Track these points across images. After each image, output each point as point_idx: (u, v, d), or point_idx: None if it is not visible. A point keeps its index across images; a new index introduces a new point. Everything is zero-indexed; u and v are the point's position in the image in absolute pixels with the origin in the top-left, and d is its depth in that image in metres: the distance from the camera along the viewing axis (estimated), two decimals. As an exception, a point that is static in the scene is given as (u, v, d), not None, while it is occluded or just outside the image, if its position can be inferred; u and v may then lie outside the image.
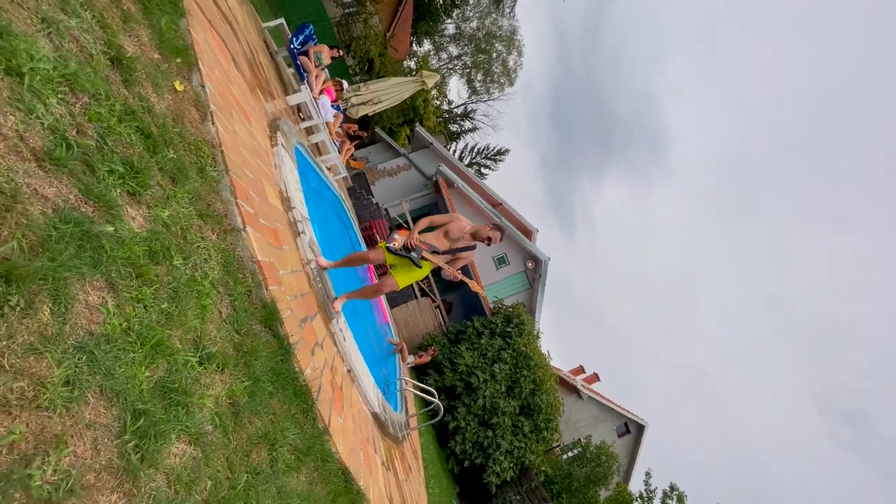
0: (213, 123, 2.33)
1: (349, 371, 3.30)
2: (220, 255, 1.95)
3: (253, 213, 2.43)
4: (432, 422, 5.59)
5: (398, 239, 3.16)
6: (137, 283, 1.32)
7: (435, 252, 3.16)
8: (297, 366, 2.24)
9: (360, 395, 3.38)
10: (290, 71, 7.57)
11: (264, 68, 5.49)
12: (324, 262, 3.37)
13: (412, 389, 5.85)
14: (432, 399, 5.61)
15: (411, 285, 13.21)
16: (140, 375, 1.20)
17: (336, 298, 3.33)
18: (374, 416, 3.64)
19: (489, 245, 3.21)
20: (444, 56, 28.42)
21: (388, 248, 3.16)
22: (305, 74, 6.67)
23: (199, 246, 1.79)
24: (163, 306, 1.40)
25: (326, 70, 7.49)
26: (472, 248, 3.27)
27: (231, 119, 2.69)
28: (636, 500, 12.35)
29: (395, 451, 4.15)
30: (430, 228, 3.31)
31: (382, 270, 3.43)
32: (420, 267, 3.12)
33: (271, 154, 3.52)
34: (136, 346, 1.22)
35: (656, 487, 12.94)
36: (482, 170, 28.77)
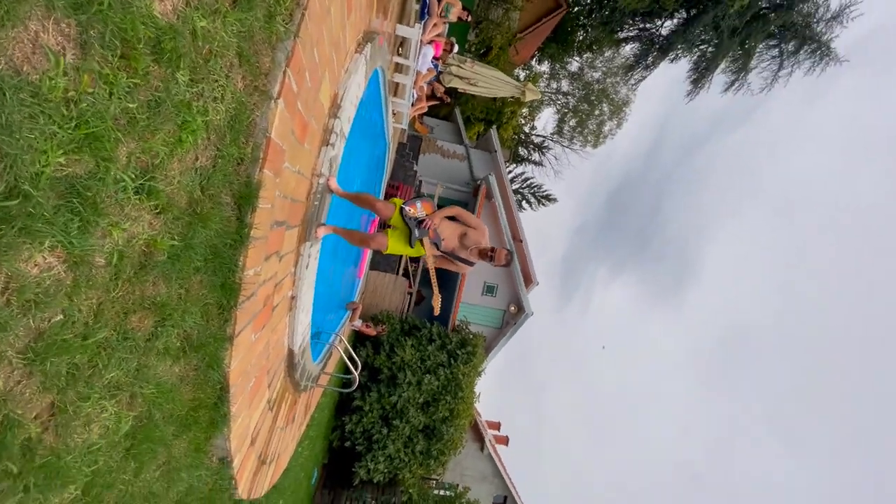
0: (311, -17, 2.10)
1: (292, 298, 3.05)
2: (235, 105, 1.71)
3: (295, 92, 2.19)
4: (340, 390, 5.35)
5: (418, 207, 2.92)
6: (117, 63, 1.08)
7: (435, 245, 2.91)
8: (242, 260, 2.00)
9: (287, 327, 3.14)
10: (416, 6, 7.34)
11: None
12: (334, 185, 3.13)
13: (341, 350, 5.60)
14: (353, 371, 5.37)
15: (398, 259, 12.97)
16: (51, 156, 0.95)
17: (323, 225, 3.09)
18: (290, 353, 3.40)
19: (492, 264, 2.95)
20: (554, 85, 28.19)
21: (401, 208, 2.91)
22: (427, 16, 6.44)
23: (217, 80, 1.54)
24: (131, 106, 1.15)
25: (447, 25, 7.27)
26: (471, 264, 3.02)
27: (332, -5, 2.45)
28: None
29: (289, 397, 3.91)
30: (452, 219, 3.06)
31: (385, 226, 3.18)
32: (412, 246, 2.88)
33: (350, 57, 3.28)
34: (67, 123, 0.97)
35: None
36: (523, 202, 28.49)
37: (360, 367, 6.45)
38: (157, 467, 1.79)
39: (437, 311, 3.10)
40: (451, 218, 3.05)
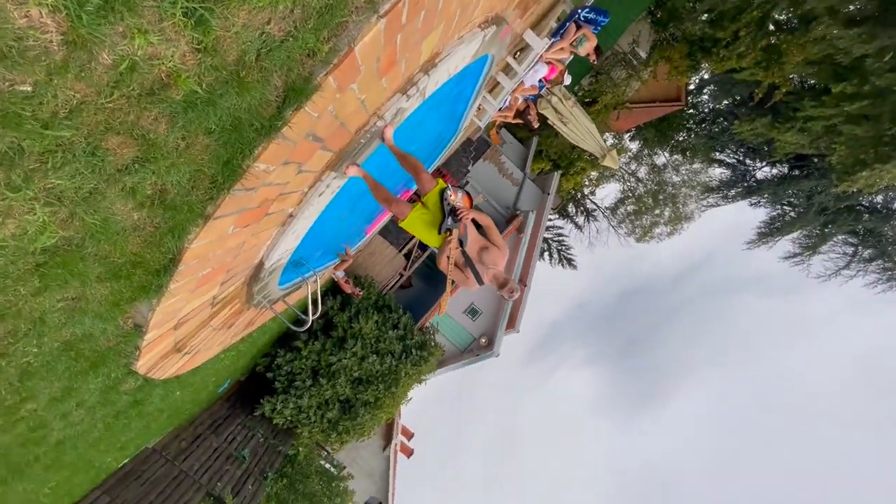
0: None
1: (290, 216, 2.89)
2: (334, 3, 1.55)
3: (403, 23, 2.02)
4: (290, 325, 5.18)
5: (458, 197, 2.73)
6: None
7: (461, 242, 2.71)
8: (259, 150, 1.84)
9: (270, 239, 2.98)
10: (554, 24, 7.19)
11: (546, -8, 5.12)
12: (389, 134, 2.97)
13: (309, 289, 5.45)
14: (310, 314, 5.20)
15: (408, 240, 12.82)
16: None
17: (357, 165, 2.93)
18: (260, 265, 3.24)
19: (499, 291, 2.75)
20: (633, 167, 27.89)
21: (443, 190, 2.74)
22: (559, 37, 6.29)
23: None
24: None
25: (572, 56, 7.10)
26: (481, 282, 2.82)
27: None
28: None
29: (237, 305, 3.75)
30: (479, 228, 2.87)
31: (413, 200, 3.00)
32: (440, 232, 2.70)
33: (471, 28, 3.12)
34: None
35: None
36: (546, 253, 28.20)
37: (318, 314, 6.28)
38: (61, 299, 1.63)
39: (442, 311, 2.92)
40: (478, 227, 2.87)
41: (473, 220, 2.84)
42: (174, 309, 2.44)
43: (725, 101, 19.99)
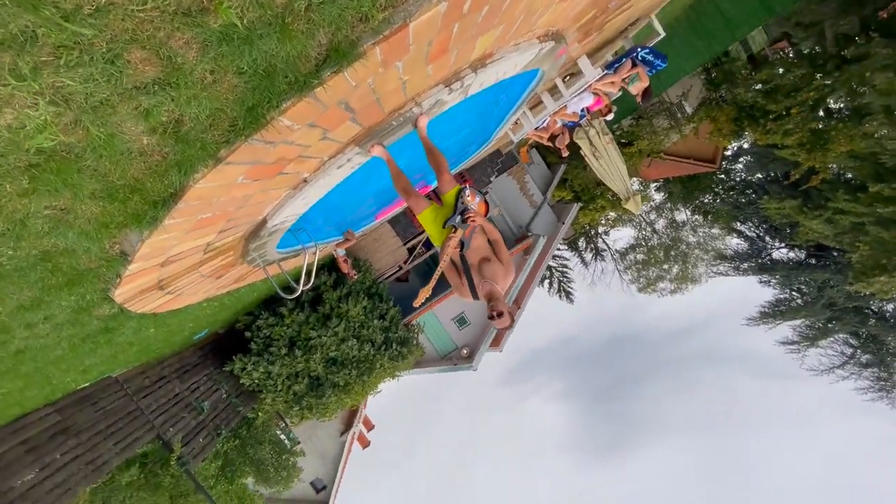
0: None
1: (304, 181, 2.82)
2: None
3: (463, 12, 1.95)
4: (279, 290, 5.11)
5: (476, 201, 2.63)
6: None
7: (462, 244, 2.61)
8: (288, 104, 1.76)
9: (279, 200, 2.91)
10: (609, 57, 7.13)
11: (608, 25, 5.05)
12: (423, 125, 2.89)
13: (306, 260, 5.37)
14: (301, 284, 5.13)
15: (415, 234, 12.75)
16: None
17: (382, 146, 2.85)
18: (262, 223, 3.17)
19: (491, 319, 2.56)
20: (651, 216, 27.74)
21: (462, 189, 2.65)
22: (612, 71, 6.21)
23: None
24: None
25: (620, 92, 7.01)
26: (475, 295, 2.65)
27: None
28: None
29: (230, 258, 3.68)
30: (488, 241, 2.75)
31: (429, 198, 2.93)
32: (443, 226, 2.61)
33: (530, 38, 3.05)
34: None
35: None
36: (546, 280, 28.05)
37: (309, 285, 6.21)
38: (49, 207, 1.56)
39: (417, 303, 2.78)
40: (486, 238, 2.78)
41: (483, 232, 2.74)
42: (165, 245, 2.36)
43: (759, 175, 19.83)
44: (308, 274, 6.37)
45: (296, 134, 2.06)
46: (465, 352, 14.10)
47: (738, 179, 21.78)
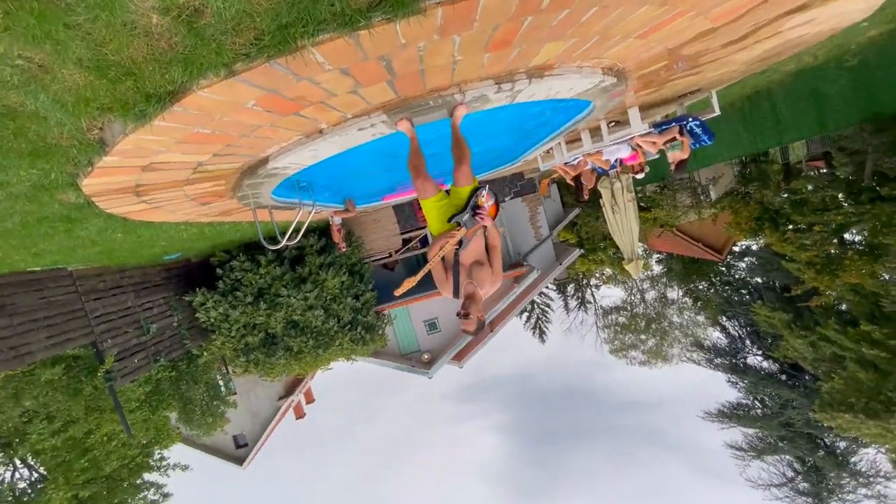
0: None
1: (320, 131, 2.63)
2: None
3: (539, 8, 1.78)
4: (263, 238, 4.89)
5: (487, 203, 2.51)
6: None
7: (459, 244, 2.49)
8: (326, 38, 1.57)
9: (288, 143, 2.71)
10: (661, 117, 7.05)
11: (669, 84, 4.93)
12: (460, 115, 2.71)
13: (298, 216, 5.17)
14: (286, 238, 4.93)
15: (415, 227, 12.57)
16: None
17: (410, 122, 2.67)
18: (263, 162, 2.96)
19: (462, 319, 2.47)
20: (644, 285, 27.77)
21: (477, 189, 2.52)
22: (657, 132, 6.11)
23: None
24: None
25: (657, 155, 6.91)
26: (456, 293, 2.54)
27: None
28: None
29: (220, 187, 3.47)
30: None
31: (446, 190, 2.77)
32: (449, 221, 2.49)
33: (594, 65, 2.89)
34: None
35: None
36: (525, 313, 27.94)
37: (294, 242, 5.99)
38: (23, 56, 1.35)
39: (398, 292, 2.67)
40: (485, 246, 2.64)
41: (484, 235, 2.61)
42: (149, 148, 2.15)
43: (759, 279, 19.93)
44: (297, 231, 6.15)
45: (325, 75, 1.87)
46: (426, 357, 13.88)
47: (737, 277, 21.86)
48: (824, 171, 13.71)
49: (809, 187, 10.92)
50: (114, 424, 8.05)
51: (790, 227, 9.92)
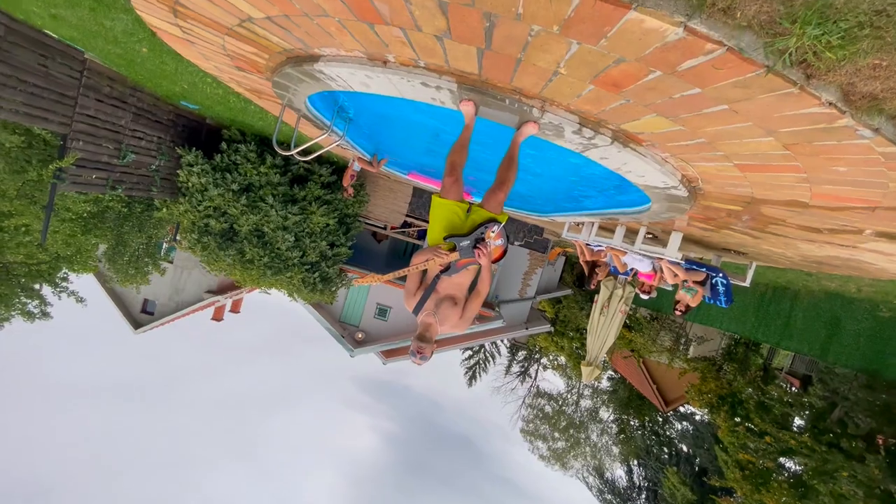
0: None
1: (384, 61, 2.34)
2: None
3: (674, 61, 1.51)
4: (275, 138, 4.57)
5: (495, 240, 2.29)
6: None
7: (447, 267, 2.27)
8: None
9: (347, 52, 2.42)
10: (696, 256, 6.86)
11: (724, 232, 4.73)
12: (527, 133, 2.44)
13: (320, 140, 4.87)
14: (303, 154, 4.62)
15: (424, 216, 12.27)
16: None
17: (474, 106, 2.40)
18: (312, 58, 2.66)
19: (415, 344, 2.30)
20: (585, 392, 27.58)
21: (494, 220, 2.34)
22: (687, 265, 5.90)
23: None
24: None
25: (674, 287, 6.71)
26: (416, 311, 2.34)
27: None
28: None
29: (260, 59, 3.16)
30: (472, 286, 2.44)
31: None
32: (446, 238, 2.30)
33: (678, 166, 2.65)
34: None
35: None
36: (467, 350, 27.64)
37: (306, 160, 5.68)
38: None
39: (357, 283, 2.58)
40: (472, 288, 2.43)
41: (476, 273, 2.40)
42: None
43: (685, 447, 19.82)
44: (311, 151, 5.84)
45: (416, 3, 1.59)
46: (359, 336, 13.50)
47: (668, 434, 21.74)
48: (795, 389, 13.68)
49: (774, 395, 10.83)
50: (36, 221, 7.58)
51: (745, 423, 9.77)
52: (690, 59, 1.42)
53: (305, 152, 6.09)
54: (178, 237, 11.41)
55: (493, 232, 2.28)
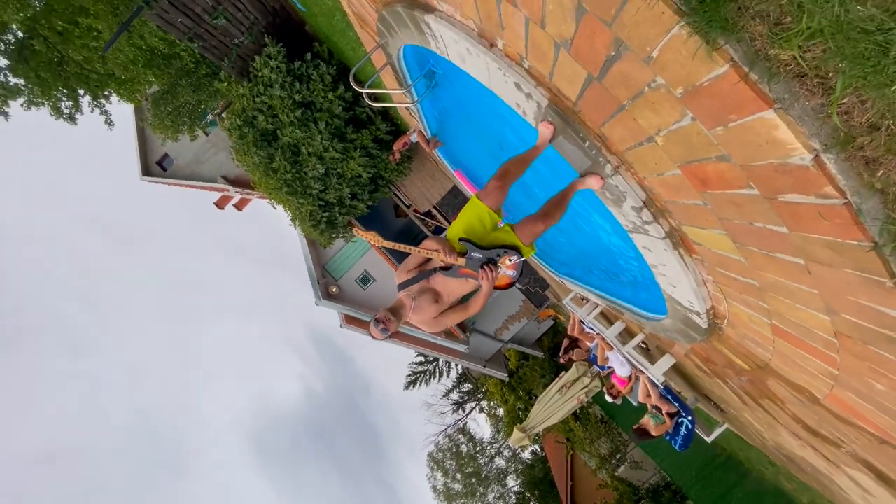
0: None
1: (493, 44, 2.20)
2: None
3: (770, 189, 1.34)
4: (353, 71, 4.45)
5: (507, 269, 2.18)
6: None
7: (447, 267, 2.18)
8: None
9: (466, 23, 2.28)
10: (675, 385, 6.62)
11: (717, 380, 4.51)
12: (590, 184, 2.28)
13: (393, 94, 4.76)
14: (375, 100, 4.53)
15: (446, 213, 12.15)
16: None
17: (552, 130, 2.26)
18: (429, 7, 2.53)
19: (382, 315, 2.15)
20: (504, 451, 27.11)
21: (516, 248, 2.19)
22: (664, 391, 5.67)
23: None
24: None
25: (636, 401, 6.47)
26: (401, 289, 2.24)
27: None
28: None
29: (370, 9, 3.04)
30: (465, 298, 2.32)
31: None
32: (461, 241, 2.17)
33: (712, 295, 2.46)
34: None
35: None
36: (422, 357, 27.38)
37: (373, 105, 5.57)
38: None
39: (356, 232, 2.44)
40: (465, 298, 2.29)
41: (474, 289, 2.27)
42: None
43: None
44: (380, 100, 5.73)
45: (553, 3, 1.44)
46: (333, 290, 13.39)
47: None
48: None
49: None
50: (108, 32, 7.58)
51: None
52: (800, 193, 1.25)
53: (375, 99, 6.00)
54: (223, 115, 11.41)
55: (509, 260, 2.12)
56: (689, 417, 5.64)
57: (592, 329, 6.85)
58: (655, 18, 1.18)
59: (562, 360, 7.64)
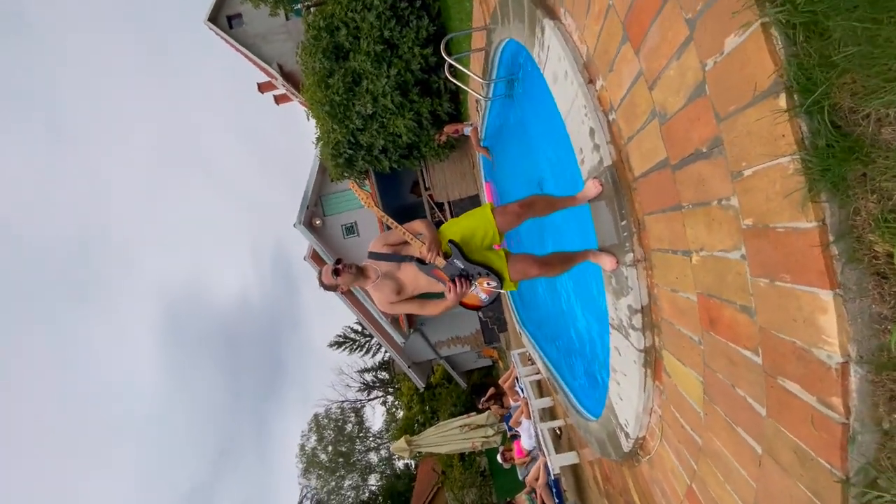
0: None
1: (591, 82, 2.06)
2: None
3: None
4: (445, 45, 4.31)
5: (481, 291, 2.09)
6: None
7: (422, 262, 2.07)
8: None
9: (570, 29, 2.14)
10: (556, 476, 6.55)
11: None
12: (599, 260, 2.17)
13: (471, 75, 4.62)
14: (449, 71, 4.38)
15: (465, 209, 12.02)
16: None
17: (600, 189, 2.13)
18: (552, 11, 2.39)
19: (337, 271, 2.12)
20: (382, 451, 27.03)
21: (498, 275, 2.08)
22: (550, 483, 5.57)
23: None
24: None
25: (526, 472, 6.39)
26: (372, 256, 2.20)
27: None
28: None
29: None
30: (430, 296, 2.22)
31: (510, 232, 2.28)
32: (449, 242, 2.07)
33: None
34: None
35: None
36: (362, 325, 27.25)
37: (450, 78, 5.44)
38: None
39: (352, 184, 2.38)
40: (431, 294, 2.17)
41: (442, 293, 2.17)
42: None
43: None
44: (460, 80, 5.56)
45: (681, 64, 1.30)
46: (317, 222, 13.16)
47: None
48: None
49: None
50: None
51: None
52: (804, 388, 1.13)
53: (454, 75, 5.84)
54: (313, 9, 11.13)
55: (488, 283, 1.99)
56: (564, 491, 5.56)
57: (522, 391, 6.75)
58: (771, 137, 1.05)
59: (479, 405, 7.54)
